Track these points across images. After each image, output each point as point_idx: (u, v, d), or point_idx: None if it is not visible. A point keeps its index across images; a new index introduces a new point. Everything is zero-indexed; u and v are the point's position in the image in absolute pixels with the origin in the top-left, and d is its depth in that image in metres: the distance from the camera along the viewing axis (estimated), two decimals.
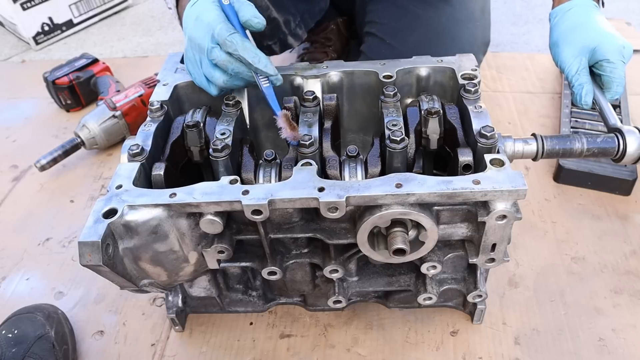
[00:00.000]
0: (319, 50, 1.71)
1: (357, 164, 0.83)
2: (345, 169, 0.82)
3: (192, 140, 0.89)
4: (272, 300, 1.03)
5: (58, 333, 0.97)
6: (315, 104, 0.91)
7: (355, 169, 0.82)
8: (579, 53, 0.97)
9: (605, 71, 0.94)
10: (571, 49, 0.98)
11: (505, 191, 0.70)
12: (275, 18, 1.02)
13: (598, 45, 0.95)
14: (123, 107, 1.48)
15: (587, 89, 0.95)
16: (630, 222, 1.18)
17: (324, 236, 0.81)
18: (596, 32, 0.97)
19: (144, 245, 0.75)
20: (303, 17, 1.39)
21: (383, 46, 1.36)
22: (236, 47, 0.84)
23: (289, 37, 1.39)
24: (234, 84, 0.90)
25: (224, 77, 0.89)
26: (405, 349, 0.98)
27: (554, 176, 1.29)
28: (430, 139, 0.87)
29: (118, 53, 2.07)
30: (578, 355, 0.95)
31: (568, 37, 0.99)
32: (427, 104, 0.88)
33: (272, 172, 0.84)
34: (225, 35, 0.84)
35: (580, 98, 0.95)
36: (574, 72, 0.96)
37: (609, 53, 0.94)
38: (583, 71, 0.96)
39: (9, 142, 1.59)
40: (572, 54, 0.97)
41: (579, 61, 0.97)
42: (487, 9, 1.47)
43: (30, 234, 1.27)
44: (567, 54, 0.98)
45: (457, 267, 0.92)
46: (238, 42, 0.84)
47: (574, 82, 0.96)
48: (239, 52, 0.84)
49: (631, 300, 1.03)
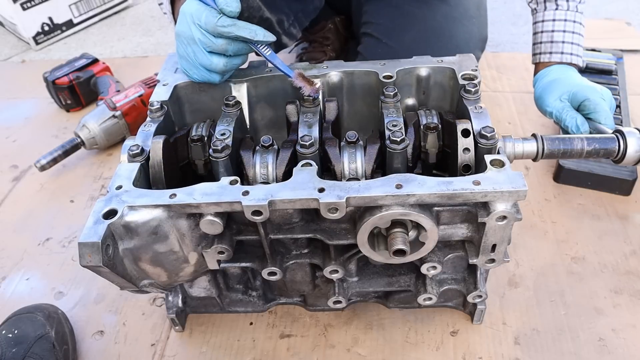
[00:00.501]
0: (318, 50, 1.72)
1: (357, 149, 0.83)
2: (344, 154, 0.82)
3: (196, 154, 0.89)
4: (272, 301, 1.03)
5: (58, 333, 0.97)
6: (315, 105, 0.91)
7: (355, 154, 0.82)
8: (560, 98, 1.05)
9: (589, 109, 1.00)
10: (553, 96, 1.07)
11: (506, 192, 0.71)
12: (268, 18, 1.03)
13: (577, 90, 1.03)
14: (123, 107, 1.48)
15: (579, 119, 1.01)
16: (630, 222, 1.18)
17: (324, 237, 0.81)
18: (573, 82, 1.08)
19: (144, 245, 0.75)
20: (297, 16, 1.40)
21: (379, 46, 1.37)
22: (229, 29, 0.85)
23: (283, 36, 1.39)
24: (233, 64, 0.92)
25: (224, 60, 0.90)
26: (405, 349, 0.98)
27: (554, 176, 1.29)
28: (429, 153, 0.88)
29: (118, 53, 2.07)
30: (578, 355, 0.95)
31: (548, 89, 1.09)
32: (426, 119, 0.88)
33: (269, 158, 0.84)
34: (214, 22, 0.85)
35: (577, 128, 1.01)
36: (561, 110, 1.04)
37: (588, 93, 1.01)
38: (569, 108, 1.04)
39: (9, 142, 1.59)
40: (555, 99, 1.06)
41: (562, 103, 1.05)
42: (483, 6, 1.47)
43: (30, 234, 1.27)
44: (551, 100, 1.07)
45: (457, 268, 0.92)
46: (229, 23, 0.86)
47: (565, 117, 1.03)
48: (234, 33, 0.86)
49: (631, 300, 1.03)
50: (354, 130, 0.85)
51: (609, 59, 1.54)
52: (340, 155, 0.83)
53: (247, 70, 1.00)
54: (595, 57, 1.53)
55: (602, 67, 1.50)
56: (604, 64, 1.50)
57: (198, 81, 0.95)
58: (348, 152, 0.82)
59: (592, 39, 1.16)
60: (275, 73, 0.98)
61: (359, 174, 0.82)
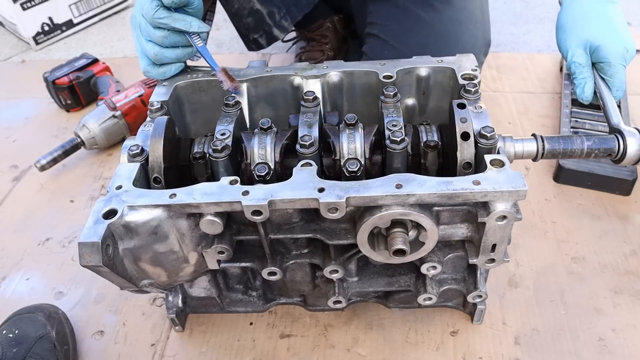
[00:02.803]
0: (316, 49, 1.72)
1: (356, 131, 0.83)
2: (343, 136, 0.83)
3: (198, 172, 0.89)
4: (272, 300, 1.03)
5: (59, 333, 0.97)
6: (315, 104, 0.91)
7: (354, 135, 0.82)
8: (583, 46, 0.96)
9: (606, 74, 0.94)
10: (576, 39, 0.97)
11: (506, 192, 0.71)
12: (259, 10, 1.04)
13: (601, 45, 0.94)
14: (123, 107, 1.48)
15: (589, 83, 0.95)
16: (630, 222, 1.18)
17: (324, 237, 0.81)
18: (603, 29, 0.96)
19: (144, 245, 0.75)
20: (289, 9, 1.40)
21: (386, 47, 1.37)
22: (165, 20, 0.88)
23: (274, 28, 1.40)
24: (165, 55, 0.94)
25: (156, 49, 0.93)
26: (405, 349, 0.98)
27: (554, 176, 1.29)
28: (428, 170, 0.88)
29: (118, 53, 2.07)
30: (578, 355, 0.95)
31: (575, 26, 0.98)
32: (426, 135, 0.88)
33: (267, 140, 0.84)
34: (151, 13, 0.88)
35: (582, 92, 0.95)
36: (578, 64, 0.96)
37: (611, 55, 0.93)
38: (586, 64, 0.96)
39: (9, 142, 1.59)
40: (577, 45, 0.96)
41: (582, 54, 0.96)
42: (486, 10, 1.47)
43: (30, 234, 1.27)
44: (572, 43, 0.97)
45: (457, 268, 0.92)
46: (165, 15, 0.88)
47: (577, 75, 0.96)
48: (170, 24, 0.89)
49: (631, 300, 1.03)
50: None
51: None
52: (340, 136, 0.83)
53: (247, 70, 1.00)
54: None
55: None
56: None
57: (143, 70, 0.98)
58: (347, 134, 0.83)
59: None
60: (275, 73, 0.98)
61: (358, 154, 0.82)
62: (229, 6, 1.41)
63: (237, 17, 1.44)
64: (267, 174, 0.80)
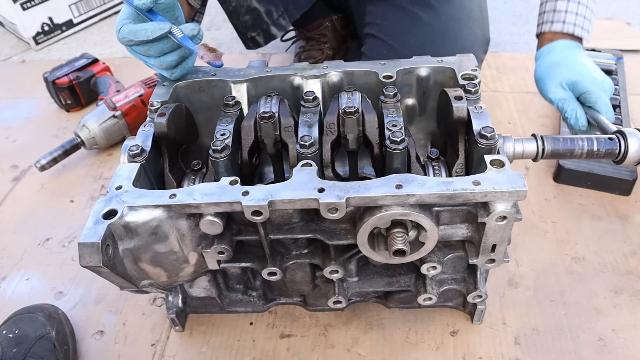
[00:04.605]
0: (315, 48, 1.72)
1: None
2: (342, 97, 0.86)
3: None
4: (272, 301, 1.03)
5: (59, 333, 0.97)
6: (315, 105, 0.91)
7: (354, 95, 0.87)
8: (561, 85, 1.05)
9: (590, 102, 1.00)
10: (554, 82, 1.06)
11: (506, 192, 0.71)
12: (256, 8, 1.04)
13: (577, 79, 1.02)
14: (123, 107, 1.48)
15: (580, 111, 1.01)
16: (630, 222, 1.18)
17: (324, 237, 0.81)
18: (576, 69, 1.06)
19: (144, 246, 0.75)
20: (287, 8, 1.40)
21: (384, 47, 1.37)
22: (129, 37, 0.86)
23: (272, 27, 1.40)
24: (167, 61, 0.91)
25: (156, 62, 0.91)
26: (405, 349, 0.98)
27: (554, 176, 1.29)
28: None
29: (118, 53, 2.06)
30: (578, 355, 0.95)
31: (550, 74, 1.08)
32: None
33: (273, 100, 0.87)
34: (119, 38, 0.88)
35: (577, 120, 1.01)
36: (562, 100, 1.04)
37: (590, 85, 1.01)
38: (570, 98, 1.03)
39: (9, 142, 1.59)
40: (556, 86, 1.05)
41: (563, 91, 1.04)
42: (484, 7, 1.47)
43: (30, 234, 1.27)
44: (552, 87, 1.06)
45: (457, 268, 0.92)
46: (126, 34, 0.87)
47: (566, 108, 1.03)
48: (137, 39, 0.86)
49: (631, 300, 1.03)
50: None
51: (609, 59, 1.54)
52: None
53: (247, 70, 1.00)
54: (595, 57, 1.53)
55: (602, 67, 1.48)
56: (604, 64, 1.50)
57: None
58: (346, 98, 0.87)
59: (592, 39, 1.17)
60: (275, 73, 0.98)
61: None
62: (226, 4, 1.41)
63: (235, 15, 1.44)
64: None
